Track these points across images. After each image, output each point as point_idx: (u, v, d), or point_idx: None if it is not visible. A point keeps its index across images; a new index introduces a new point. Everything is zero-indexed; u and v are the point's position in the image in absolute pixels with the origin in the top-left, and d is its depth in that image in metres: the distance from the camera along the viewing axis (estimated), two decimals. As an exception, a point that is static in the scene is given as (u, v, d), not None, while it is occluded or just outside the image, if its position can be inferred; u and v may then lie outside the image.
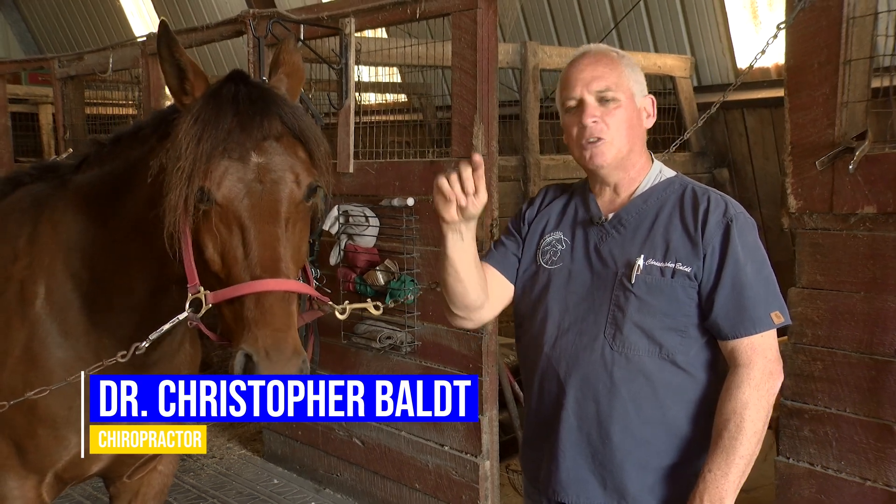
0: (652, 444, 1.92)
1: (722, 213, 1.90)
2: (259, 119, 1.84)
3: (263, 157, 1.84)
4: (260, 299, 1.78)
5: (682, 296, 1.89)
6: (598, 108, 1.92)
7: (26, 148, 9.45)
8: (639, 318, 1.89)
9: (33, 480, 2.36)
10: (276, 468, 4.92)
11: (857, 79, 2.73)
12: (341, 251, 4.18)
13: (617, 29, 7.26)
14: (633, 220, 1.96)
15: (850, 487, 2.77)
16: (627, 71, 1.96)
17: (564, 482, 1.97)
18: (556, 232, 2.06)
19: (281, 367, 1.73)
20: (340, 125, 4.25)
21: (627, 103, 1.94)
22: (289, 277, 1.81)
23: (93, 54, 6.20)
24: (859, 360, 2.73)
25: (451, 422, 3.17)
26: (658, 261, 1.89)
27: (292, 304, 1.82)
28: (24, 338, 2.29)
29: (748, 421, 1.82)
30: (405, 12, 3.89)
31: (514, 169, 5.78)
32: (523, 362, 2.13)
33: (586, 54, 1.98)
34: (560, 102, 2.01)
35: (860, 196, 2.69)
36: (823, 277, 2.80)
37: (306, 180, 1.88)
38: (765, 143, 6.40)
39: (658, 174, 2.02)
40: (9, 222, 2.44)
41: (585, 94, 1.93)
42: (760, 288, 1.87)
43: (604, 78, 1.92)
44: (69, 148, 6.29)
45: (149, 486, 2.73)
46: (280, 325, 1.77)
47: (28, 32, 15.56)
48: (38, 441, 2.30)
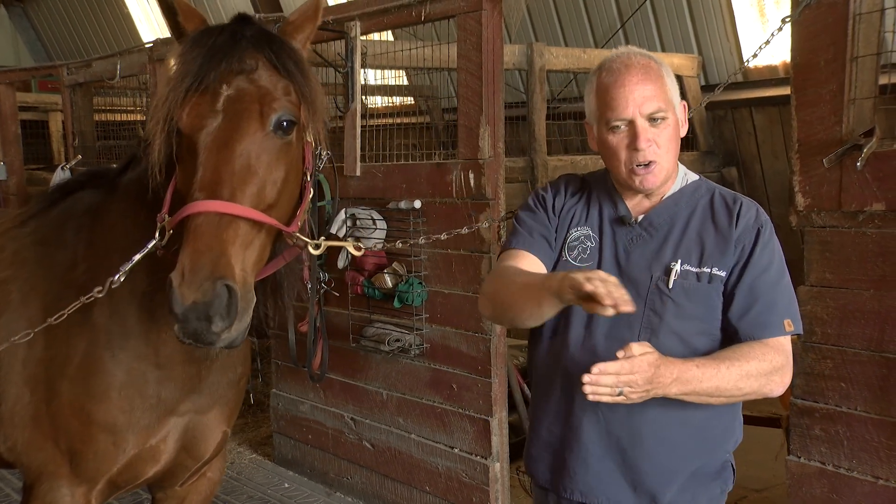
0: (682, 447, 1.92)
1: (754, 216, 1.91)
2: (235, 54, 1.85)
3: (232, 90, 1.84)
4: (191, 221, 1.77)
5: (716, 300, 1.89)
6: (650, 131, 1.87)
7: (37, 155, 9.52)
8: (676, 323, 1.89)
9: (84, 488, 2.34)
10: (287, 472, 4.92)
11: (865, 75, 2.71)
12: (349, 254, 4.18)
13: (623, 29, 7.25)
14: (664, 223, 1.95)
15: (863, 486, 2.75)
16: (669, 82, 1.92)
17: (593, 485, 1.96)
18: (584, 227, 2.02)
19: (192, 289, 1.69)
20: (347, 128, 4.25)
21: (673, 119, 1.91)
22: (230, 202, 1.77)
23: (101, 61, 6.23)
24: (870, 358, 2.71)
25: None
26: (694, 266, 1.89)
27: (227, 228, 1.76)
28: (85, 344, 2.28)
29: (745, 367, 1.81)
30: (411, 15, 3.89)
31: (522, 170, 5.77)
32: (542, 360, 2.07)
33: (632, 68, 1.88)
34: (602, 120, 1.92)
35: (868, 193, 2.67)
36: (832, 275, 2.78)
37: (273, 112, 1.85)
38: (773, 141, 6.37)
39: (684, 177, 2.01)
40: (66, 230, 2.43)
41: (637, 117, 1.86)
42: (778, 295, 1.88)
43: (655, 98, 1.87)
44: (78, 154, 6.33)
45: (196, 492, 2.71)
46: (202, 245, 1.73)
47: (38, 40, 15.65)
48: (96, 447, 2.28)
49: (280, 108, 1.86)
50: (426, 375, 4.04)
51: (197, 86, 1.83)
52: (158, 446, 2.35)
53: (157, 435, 2.33)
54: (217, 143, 1.82)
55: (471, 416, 3.85)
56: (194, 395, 2.37)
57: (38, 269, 2.41)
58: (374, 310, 4.22)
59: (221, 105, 1.84)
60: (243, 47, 1.87)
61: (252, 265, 1.83)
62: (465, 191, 3.74)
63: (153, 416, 2.31)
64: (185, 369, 2.31)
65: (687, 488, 1.94)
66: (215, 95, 1.84)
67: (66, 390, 2.28)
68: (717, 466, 1.98)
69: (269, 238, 1.91)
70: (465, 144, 3.72)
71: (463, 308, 3.82)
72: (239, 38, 1.89)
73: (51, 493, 2.33)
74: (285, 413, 4.91)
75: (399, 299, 4.00)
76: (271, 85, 1.88)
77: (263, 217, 1.83)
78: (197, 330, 1.73)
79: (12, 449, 2.36)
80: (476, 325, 3.76)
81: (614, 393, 1.67)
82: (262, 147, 1.84)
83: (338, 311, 4.34)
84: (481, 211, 3.68)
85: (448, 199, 3.82)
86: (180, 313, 1.72)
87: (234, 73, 1.86)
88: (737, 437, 2.02)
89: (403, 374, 4.16)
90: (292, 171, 1.95)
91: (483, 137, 3.63)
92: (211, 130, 1.83)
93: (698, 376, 1.77)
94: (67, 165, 6.25)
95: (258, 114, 1.85)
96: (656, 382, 1.71)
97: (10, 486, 4.65)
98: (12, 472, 4.75)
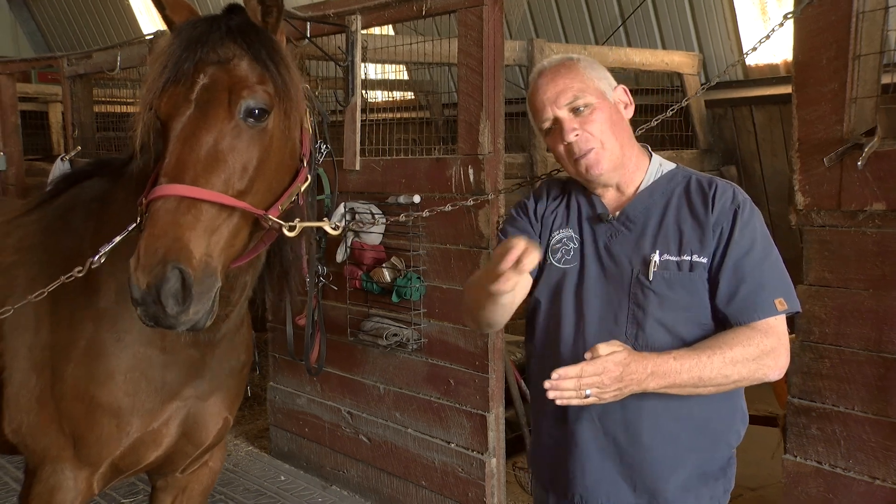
0: (681, 440, 1.90)
1: (730, 199, 1.89)
2: (211, 44, 1.88)
3: (207, 78, 1.87)
4: (151, 205, 1.79)
5: (701, 287, 1.88)
6: (574, 121, 1.90)
7: (36, 146, 9.50)
8: (660, 314, 1.87)
9: (87, 471, 2.36)
10: (283, 465, 4.92)
11: (867, 74, 2.71)
12: (348, 248, 4.18)
13: (624, 26, 7.23)
14: (640, 216, 1.95)
15: (859, 486, 2.75)
16: (588, 72, 1.94)
17: (592, 486, 1.95)
18: (566, 229, 2.03)
19: (144, 273, 1.70)
20: (347, 122, 4.24)
21: (601, 103, 1.92)
22: (191, 185, 1.78)
23: (101, 52, 6.22)
24: (867, 357, 2.71)
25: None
26: (673, 255, 1.88)
27: (186, 212, 1.77)
28: (91, 329, 2.29)
29: (728, 354, 1.78)
30: (411, 9, 3.88)
31: (521, 166, 5.77)
32: (536, 362, 2.08)
33: (542, 73, 1.96)
34: (538, 129, 1.99)
35: (869, 193, 2.67)
36: (831, 275, 2.78)
37: (241, 99, 1.86)
38: (773, 140, 6.36)
39: (658, 168, 2.01)
40: (73, 217, 2.45)
41: (557, 112, 1.91)
42: (765, 274, 1.85)
43: (568, 89, 1.90)
44: (78, 146, 6.32)
45: (198, 481, 2.73)
46: (157, 230, 1.74)
47: (38, 31, 15.62)
48: (99, 430, 2.30)
49: (249, 96, 1.87)
50: (423, 370, 4.04)
51: (173, 75, 1.87)
52: (161, 430, 2.36)
53: (160, 418, 2.34)
54: (184, 130, 1.85)
55: (468, 412, 3.85)
56: (197, 381, 2.38)
57: (44, 254, 2.42)
58: (372, 304, 4.22)
59: (195, 94, 1.87)
60: (220, 37, 1.90)
61: (221, 250, 1.82)
62: (465, 186, 3.73)
63: (157, 399, 2.32)
64: (189, 354, 2.32)
65: (690, 488, 1.92)
66: (191, 85, 1.87)
67: (70, 374, 2.29)
68: (721, 463, 1.96)
69: (245, 223, 1.90)
70: (465, 140, 3.72)
71: (461, 303, 3.81)
72: (217, 28, 1.92)
73: (54, 477, 2.35)
74: (282, 406, 4.91)
75: (397, 294, 4.00)
76: (245, 73, 1.89)
77: (226, 199, 1.82)
78: (155, 314, 1.74)
79: (17, 432, 2.38)
80: (474, 320, 3.76)
81: (581, 395, 1.66)
82: (230, 134, 1.86)
83: (336, 304, 4.34)
84: (480, 206, 3.68)
85: (447, 195, 3.81)
86: (138, 298, 1.73)
87: (210, 63, 1.88)
88: (738, 430, 1.99)
89: (401, 369, 4.16)
90: (271, 159, 1.94)
91: (483, 133, 3.62)
92: (182, 118, 1.86)
93: (676, 368, 1.75)
94: (67, 156, 6.24)
95: (226, 101, 1.87)
96: (628, 380, 1.70)
97: (9, 475, 4.65)
98: (11, 461, 4.75)
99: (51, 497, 2.35)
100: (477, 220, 3.70)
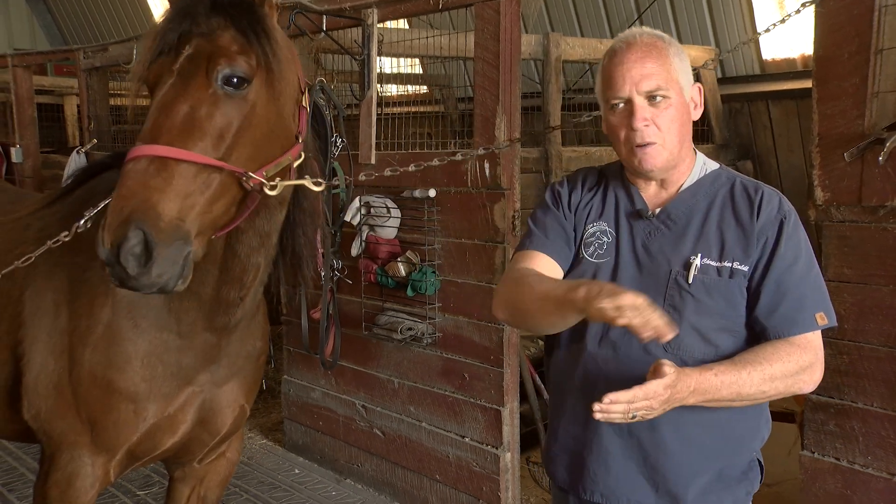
0: (705, 446, 1.87)
1: (776, 207, 1.85)
2: (195, 16, 1.91)
3: (190, 49, 1.90)
4: (123, 167, 1.81)
5: (738, 295, 1.83)
6: (647, 110, 1.82)
7: (52, 139, 9.54)
8: (695, 319, 1.83)
9: (104, 458, 2.38)
10: (298, 458, 4.94)
11: (890, 69, 2.68)
12: (363, 242, 4.18)
13: (640, 20, 7.20)
14: (682, 216, 1.90)
15: (877, 482, 2.74)
16: (676, 62, 1.86)
17: (614, 486, 1.91)
18: (601, 222, 1.97)
19: (108, 232, 1.71)
20: (362, 116, 4.24)
21: (677, 100, 1.85)
22: (162, 146, 1.78)
23: (117, 45, 6.23)
24: (887, 354, 2.69)
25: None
26: (714, 260, 1.83)
27: (157, 173, 1.76)
28: (108, 315, 2.31)
29: (768, 370, 1.75)
30: (427, 3, 3.87)
31: (536, 161, 5.75)
32: (560, 359, 2.01)
33: (633, 45, 1.84)
34: (604, 98, 1.90)
35: (890, 188, 2.65)
36: (851, 270, 2.76)
37: (218, 66, 1.87)
38: (790, 134, 6.32)
39: (703, 166, 1.96)
40: (91, 207, 2.46)
41: (634, 95, 1.82)
42: (808, 289, 1.82)
43: (654, 76, 1.82)
44: (94, 139, 6.35)
45: (215, 472, 2.74)
46: (125, 190, 1.75)
47: (54, 24, 15.71)
48: (116, 416, 2.31)
49: (227, 64, 1.88)
50: (438, 364, 4.04)
51: (161, 48, 1.90)
52: (177, 416, 2.37)
53: (176, 404, 2.36)
54: (164, 97, 1.87)
55: (482, 406, 3.85)
56: (213, 366, 2.40)
57: (62, 245, 2.44)
58: (386, 298, 4.23)
59: (178, 64, 1.90)
60: (206, 10, 1.92)
61: (197, 214, 1.81)
62: (480, 180, 3.73)
63: (173, 384, 2.34)
64: (205, 338, 2.33)
65: (711, 490, 1.89)
66: (175, 56, 1.90)
67: (88, 359, 2.31)
68: (743, 467, 1.93)
69: (226, 187, 1.88)
70: (480, 134, 3.71)
71: (476, 297, 3.81)
72: (203, 1, 1.94)
73: (71, 463, 2.37)
74: (296, 399, 4.93)
75: (412, 288, 4.00)
76: (226, 43, 1.90)
77: (198, 157, 1.81)
78: (119, 274, 1.75)
79: (36, 417, 2.40)
80: (489, 314, 3.75)
81: (627, 417, 1.64)
82: (207, 101, 1.87)
83: (350, 298, 4.35)
84: (496, 201, 3.67)
85: (463, 189, 3.81)
86: (103, 257, 1.74)
87: (196, 35, 1.90)
88: (763, 435, 1.97)
89: (415, 363, 4.16)
90: (253, 129, 1.93)
91: (499, 127, 3.61)
92: (164, 87, 1.89)
93: (716, 385, 1.72)
94: (83, 149, 6.27)
95: (205, 69, 1.88)
96: (672, 399, 1.67)
97: (25, 465, 4.70)
98: (27, 452, 4.79)
99: (69, 484, 2.37)
100: (492, 214, 3.69)
